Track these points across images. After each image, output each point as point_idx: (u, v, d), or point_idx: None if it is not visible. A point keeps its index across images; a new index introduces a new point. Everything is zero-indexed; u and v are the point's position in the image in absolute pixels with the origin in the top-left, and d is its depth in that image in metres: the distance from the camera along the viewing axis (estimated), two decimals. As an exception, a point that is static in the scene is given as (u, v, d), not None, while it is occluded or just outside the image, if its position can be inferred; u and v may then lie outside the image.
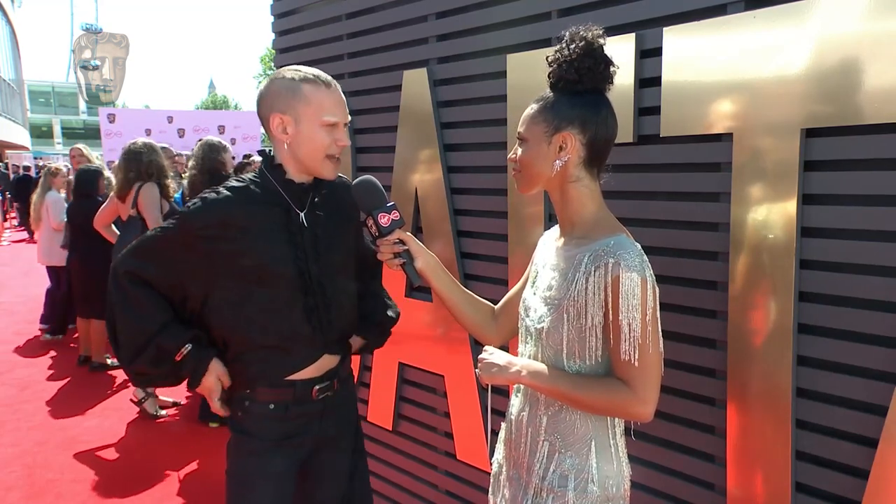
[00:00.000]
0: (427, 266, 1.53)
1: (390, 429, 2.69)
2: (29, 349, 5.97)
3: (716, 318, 1.67)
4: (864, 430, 1.46)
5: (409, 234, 1.54)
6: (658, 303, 1.27)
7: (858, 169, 1.44)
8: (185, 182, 4.10)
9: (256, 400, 1.70)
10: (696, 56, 1.63)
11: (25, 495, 3.34)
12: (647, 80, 1.74)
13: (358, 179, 1.56)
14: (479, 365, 1.41)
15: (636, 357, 1.24)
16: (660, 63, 1.69)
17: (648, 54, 1.73)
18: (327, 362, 1.75)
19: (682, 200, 1.73)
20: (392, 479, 2.74)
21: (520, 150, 1.38)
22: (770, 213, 1.53)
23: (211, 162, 3.93)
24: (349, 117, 1.68)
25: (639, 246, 1.28)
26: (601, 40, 1.30)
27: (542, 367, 1.33)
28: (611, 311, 1.25)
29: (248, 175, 1.71)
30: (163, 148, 6.11)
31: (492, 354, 1.41)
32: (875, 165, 1.42)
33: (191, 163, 4.06)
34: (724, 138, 1.61)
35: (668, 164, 1.75)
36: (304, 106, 1.59)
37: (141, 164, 4.11)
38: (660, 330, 1.27)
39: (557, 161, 1.32)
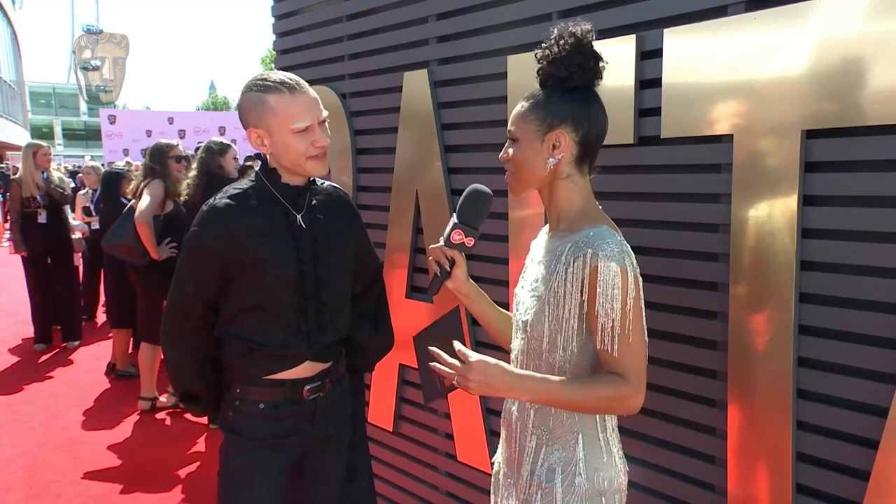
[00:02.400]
0: (460, 292, 1.52)
1: (391, 430, 2.69)
2: (28, 350, 5.97)
3: (716, 319, 1.67)
4: (864, 432, 1.46)
5: (463, 259, 1.51)
6: (641, 292, 1.26)
7: (859, 170, 1.45)
8: (186, 182, 4.08)
9: (246, 399, 1.70)
10: (696, 57, 1.63)
11: (25, 496, 3.34)
12: (648, 82, 1.74)
13: (480, 189, 1.47)
14: (459, 380, 1.27)
15: (615, 348, 1.23)
16: (660, 64, 1.70)
17: (649, 55, 1.73)
18: (319, 364, 1.75)
19: (682, 201, 1.73)
20: (392, 481, 2.74)
21: (511, 150, 1.37)
22: (771, 215, 1.53)
23: (208, 164, 3.91)
24: (324, 113, 1.66)
25: (619, 236, 1.27)
26: (590, 36, 1.29)
27: (527, 377, 1.27)
28: (588, 302, 1.24)
29: (247, 180, 1.72)
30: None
31: (472, 370, 1.25)
32: (876, 167, 1.42)
33: (194, 164, 4.06)
34: (725, 139, 1.61)
35: (668, 165, 1.75)
36: (272, 117, 1.60)
37: (162, 164, 4.13)
38: (643, 319, 1.26)
39: (551, 159, 1.32)
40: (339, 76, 2.74)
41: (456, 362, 1.28)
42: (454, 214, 1.48)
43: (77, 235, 5.96)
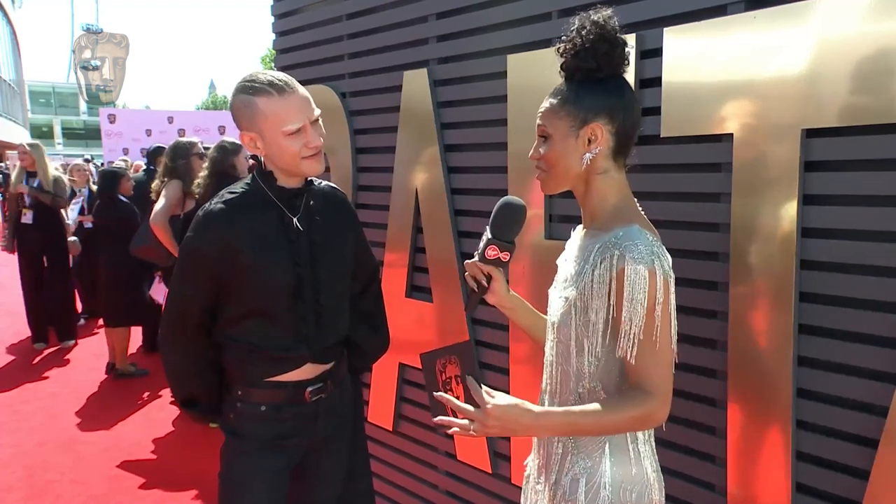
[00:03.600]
0: (503, 306, 1.50)
1: (391, 429, 2.69)
2: (27, 350, 5.97)
3: (716, 318, 1.67)
4: (864, 431, 1.46)
5: (501, 273, 1.47)
6: (671, 297, 1.20)
7: (859, 169, 1.44)
8: (197, 182, 4.02)
9: (248, 401, 1.70)
10: (696, 56, 1.63)
11: (25, 496, 3.34)
12: (648, 81, 1.74)
13: (513, 201, 1.43)
14: (475, 427, 1.19)
15: (639, 355, 1.17)
16: (660, 63, 1.69)
17: (649, 55, 1.73)
18: (320, 365, 1.74)
19: (682, 201, 1.72)
20: (393, 480, 2.74)
21: (543, 148, 1.30)
22: (770, 214, 1.53)
23: (221, 164, 3.86)
24: (316, 111, 1.63)
25: (650, 236, 1.21)
26: (612, 21, 1.22)
27: (551, 414, 1.20)
28: (615, 306, 1.19)
29: (242, 183, 1.71)
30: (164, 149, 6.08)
31: (489, 417, 1.17)
32: (875, 166, 1.42)
33: (205, 164, 4.01)
34: (725, 139, 1.61)
35: (668, 164, 1.75)
36: (262, 121, 1.58)
37: (186, 162, 4.11)
38: (673, 326, 1.21)
39: (587, 154, 1.26)
40: (339, 75, 2.74)
41: (470, 408, 1.19)
42: (487, 229, 1.44)
43: (72, 238, 5.93)
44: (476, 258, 1.45)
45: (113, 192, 5.26)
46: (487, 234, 1.43)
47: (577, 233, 1.41)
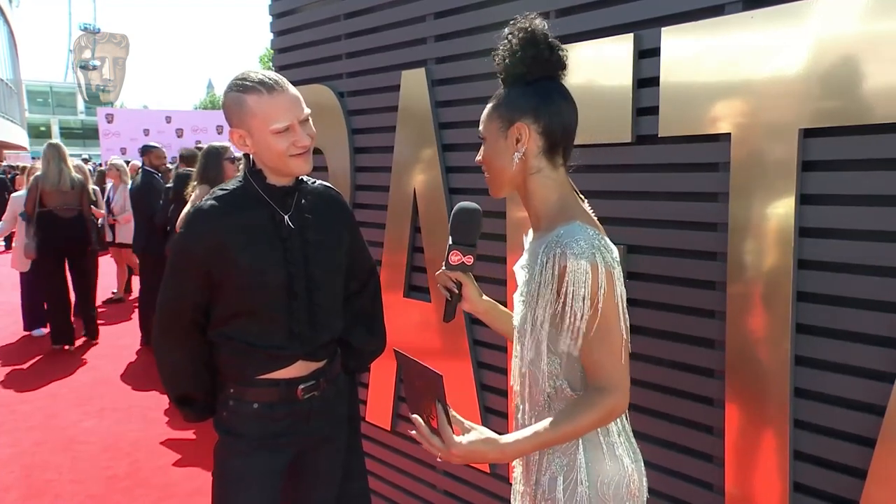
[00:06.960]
0: (477, 311, 1.53)
1: (389, 429, 2.69)
2: (26, 349, 5.96)
3: (714, 318, 1.68)
4: (862, 430, 1.46)
5: (470, 278, 1.50)
6: (616, 289, 1.21)
7: (856, 169, 1.45)
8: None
9: (241, 399, 1.70)
10: (694, 56, 1.63)
11: (23, 496, 3.34)
12: (646, 81, 1.74)
13: (466, 206, 1.47)
14: (444, 455, 1.22)
15: (590, 349, 1.19)
16: (658, 63, 1.70)
17: (647, 54, 1.73)
18: (313, 363, 1.74)
19: (680, 200, 1.73)
20: (391, 480, 2.74)
21: (481, 151, 1.36)
22: (768, 213, 1.53)
23: (214, 170, 3.75)
24: (306, 111, 1.64)
25: (591, 231, 1.22)
26: (541, 25, 1.26)
27: (518, 441, 1.21)
28: (562, 304, 1.21)
29: (234, 181, 1.71)
30: (154, 147, 6.04)
31: (452, 457, 1.20)
32: (873, 165, 1.42)
33: (194, 171, 3.94)
34: (723, 138, 1.61)
35: (666, 164, 1.75)
36: (251, 118, 1.58)
37: (217, 168, 4.07)
38: (622, 317, 1.22)
39: (516, 154, 1.29)
40: (337, 75, 2.74)
41: (438, 442, 1.21)
42: (449, 237, 1.46)
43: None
44: (444, 267, 1.48)
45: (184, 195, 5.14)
46: (449, 241, 1.46)
47: (529, 237, 1.43)
